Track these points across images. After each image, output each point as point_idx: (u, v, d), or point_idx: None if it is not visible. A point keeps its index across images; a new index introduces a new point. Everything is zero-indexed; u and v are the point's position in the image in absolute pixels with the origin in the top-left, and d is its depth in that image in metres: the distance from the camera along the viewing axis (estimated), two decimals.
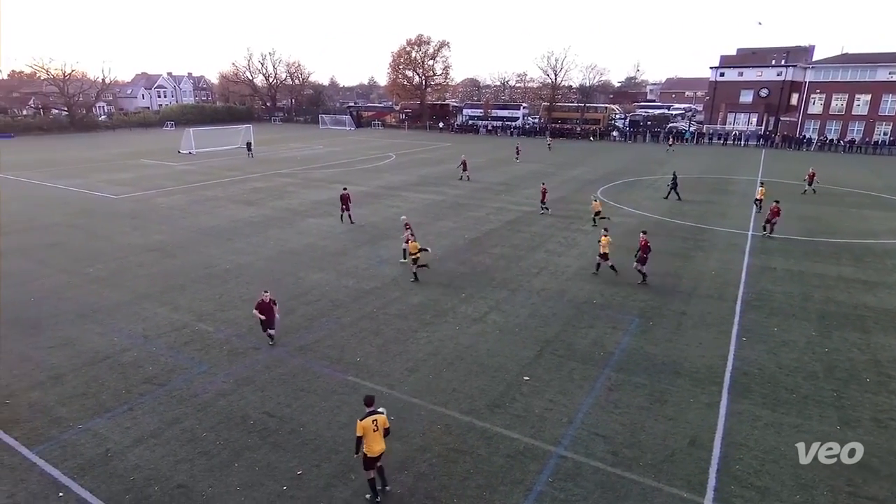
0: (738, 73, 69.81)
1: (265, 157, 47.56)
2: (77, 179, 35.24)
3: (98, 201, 28.63)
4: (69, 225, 23.47)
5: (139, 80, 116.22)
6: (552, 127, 72.62)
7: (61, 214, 25.44)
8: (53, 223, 23.78)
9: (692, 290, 16.04)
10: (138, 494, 7.70)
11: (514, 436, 9.17)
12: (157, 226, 23.24)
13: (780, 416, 9.74)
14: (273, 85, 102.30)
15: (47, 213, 25.60)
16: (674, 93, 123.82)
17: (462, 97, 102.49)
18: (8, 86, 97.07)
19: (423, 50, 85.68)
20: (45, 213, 25.78)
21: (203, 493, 7.75)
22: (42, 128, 73.87)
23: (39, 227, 23.15)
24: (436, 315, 14.15)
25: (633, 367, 11.51)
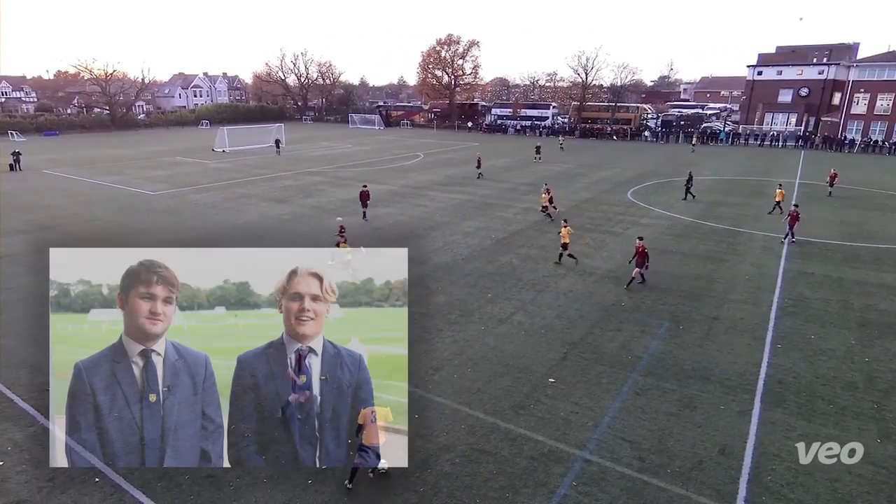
0: (777, 72, 67.71)
1: (296, 155, 48.36)
2: (117, 176, 36.48)
3: (136, 197, 29.59)
4: (109, 220, 24.32)
5: (176, 80, 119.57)
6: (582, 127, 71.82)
7: (102, 210, 26.39)
8: (94, 218, 24.70)
9: (725, 294, 15.64)
10: (170, 483, 7.92)
11: (538, 438, 9.10)
12: (191, 222, 23.87)
13: (817, 427, 9.41)
14: (304, 85, 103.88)
15: (89, 209, 26.59)
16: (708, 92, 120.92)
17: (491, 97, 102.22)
18: (54, 85, 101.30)
19: (453, 49, 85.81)
20: (87, 208, 26.78)
21: (231, 483, 7.92)
22: (84, 126, 76.70)
23: (81, 221, 24.07)
24: (461, 315, 14.15)
25: (661, 371, 11.29)
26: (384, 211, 25.11)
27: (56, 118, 77.91)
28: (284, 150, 50.09)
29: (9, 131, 65.41)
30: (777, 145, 60.22)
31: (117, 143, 59.44)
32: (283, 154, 48.30)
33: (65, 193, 30.57)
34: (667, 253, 19.44)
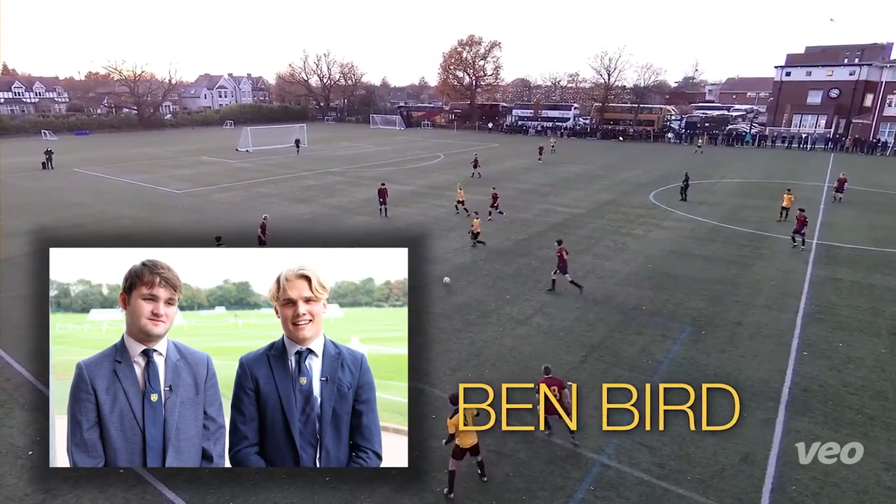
0: (806, 73, 66.10)
1: (318, 155, 48.86)
2: (144, 175, 37.31)
3: (162, 196, 30.23)
4: (135, 218, 24.89)
5: (202, 81, 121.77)
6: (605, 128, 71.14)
7: (129, 208, 27.03)
8: (121, 216, 25.30)
9: (749, 299, 15.33)
10: (191, 475, 8.05)
11: (556, 441, 9.04)
12: (214, 220, 24.26)
13: (844, 437, 9.15)
14: (327, 85, 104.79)
15: (116, 207, 27.25)
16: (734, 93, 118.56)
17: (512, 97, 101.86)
18: (85, 86, 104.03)
19: (475, 50, 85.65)
20: (114, 206, 27.45)
21: (251, 478, 8.04)
22: (114, 126, 78.65)
23: (108, 219, 24.67)
24: (480, 315, 14.13)
25: (682, 377, 11.10)
26: (404, 211, 25.21)
27: (87, 118, 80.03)
28: (307, 150, 50.65)
29: (42, 130, 67.47)
30: (805, 148, 58.78)
31: (144, 143, 60.80)
32: (304, 154, 48.84)
33: (94, 191, 31.39)
34: (689, 256, 19.13)
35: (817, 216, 25.14)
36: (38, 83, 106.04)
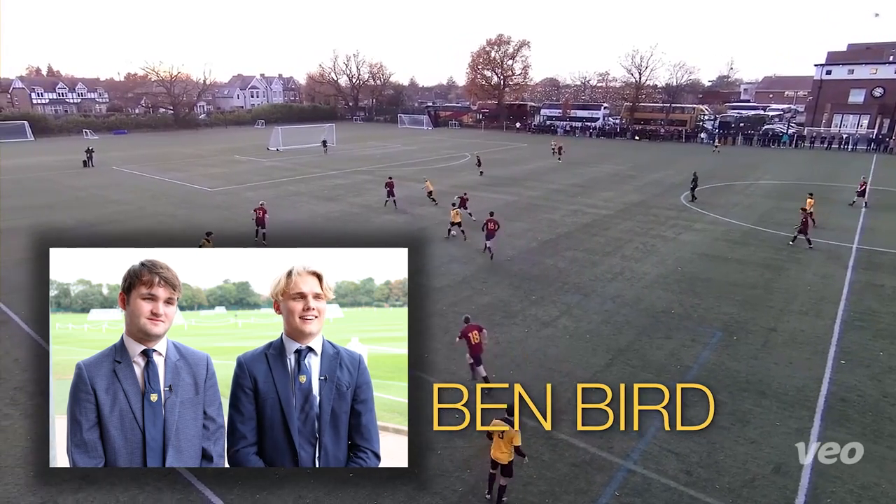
0: (849, 71, 63.68)
1: (346, 154, 49.40)
2: (179, 173, 38.36)
3: (196, 193, 31.03)
4: (170, 215, 25.62)
5: (235, 82, 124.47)
6: (635, 128, 70.00)
7: (164, 205, 27.84)
8: (158, 212, 26.08)
9: (784, 304, 14.87)
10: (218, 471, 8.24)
11: (580, 444, 8.94)
12: (245, 218, 24.70)
13: (883, 450, 8.80)
14: (356, 85, 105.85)
15: (153, 204, 28.11)
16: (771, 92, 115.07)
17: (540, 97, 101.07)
18: (124, 87, 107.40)
19: (503, 50, 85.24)
20: (151, 203, 28.32)
21: (276, 472, 8.17)
22: (150, 125, 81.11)
23: (146, 216, 25.46)
24: (505, 316, 14.07)
25: (712, 383, 10.83)
26: (430, 210, 25.27)
27: (125, 118, 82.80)
28: (335, 150, 51.29)
29: (83, 130, 70.07)
30: (846, 149, 56.69)
31: (180, 142, 62.49)
32: (333, 153, 49.46)
33: (131, 189, 32.43)
34: (721, 260, 18.67)
35: (858, 220, 24.22)
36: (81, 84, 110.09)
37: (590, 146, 58.41)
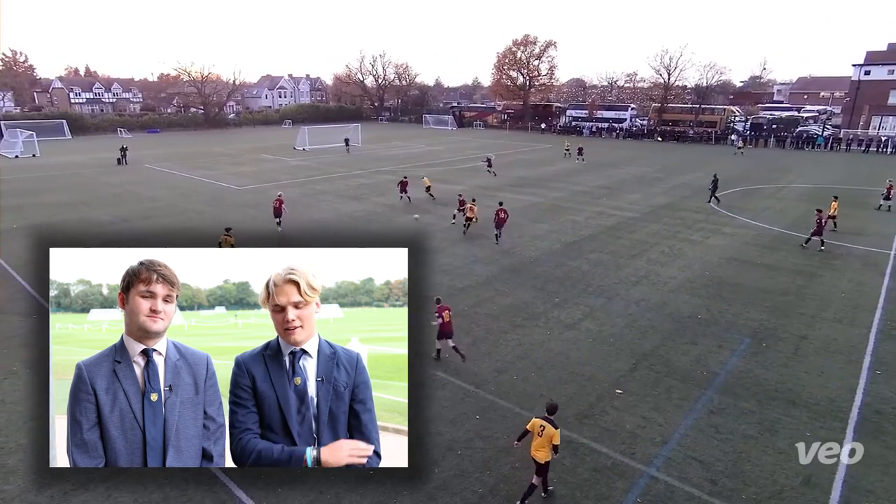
0: (889, 71, 61.49)
1: (371, 154, 49.78)
2: (208, 171, 39.20)
3: (224, 191, 31.67)
4: (199, 212, 26.21)
5: (263, 82, 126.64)
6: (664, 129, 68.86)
7: (194, 202, 28.50)
8: (188, 209, 26.71)
9: (816, 312, 14.44)
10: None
11: (601, 449, 8.84)
12: (270, 215, 25.14)
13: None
14: (382, 86, 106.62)
15: (183, 201, 28.79)
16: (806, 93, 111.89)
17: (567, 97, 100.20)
18: (156, 87, 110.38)
19: (529, 50, 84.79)
20: (181, 200, 29.01)
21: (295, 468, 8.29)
22: (182, 124, 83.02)
23: (176, 212, 26.09)
24: (527, 318, 14.00)
25: (740, 390, 10.61)
26: (454, 211, 25.24)
27: (158, 117, 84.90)
28: (361, 149, 51.73)
29: (118, 129, 72.11)
30: (885, 151, 54.75)
31: (209, 141, 63.84)
32: (359, 153, 49.88)
33: (163, 186, 33.27)
34: (751, 264, 18.23)
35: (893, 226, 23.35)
36: (116, 84, 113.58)
37: (616, 148, 57.63)
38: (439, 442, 9.03)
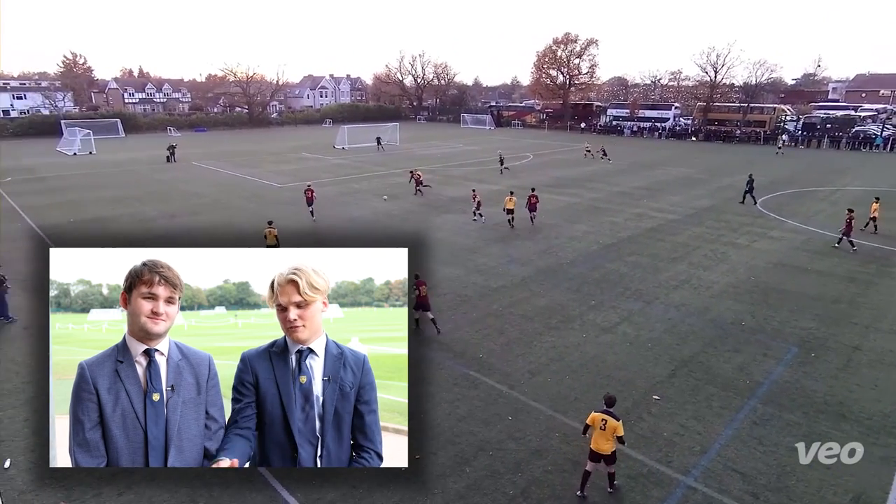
0: None
1: (408, 153, 50.14)
2: (251, 169, 40.34)
3: (266, 189, 32.54)
4: (241, 208, 27.02)
5: (305, 82, 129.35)
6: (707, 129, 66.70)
7: (237, 198, 29.40)
8: (231, 205, 27.59)
9: (871, 322, 13.70)
10: None
11: (637, 457, 8.64)
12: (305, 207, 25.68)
13: None
14: (420, 85, 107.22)
15: (227, 197, 29.76)
16: (864, 92, 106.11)
17: (607, 96, 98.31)
18: (204, 87, 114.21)
19: (570, 48, 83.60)
20: (225, 196, 29.98)
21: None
22: (227, 123, 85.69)
23: (220, 208, 26.98)
24: (562, 320, 13.82)
25: (785, 401, 10.17)
26: (491, 210, 25.16)
27: (205, 116, 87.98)
28: (398, 149, 52.16)
29: (167, 127, 75.10)
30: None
31: (253, 140, 65.65)
32: (397, 152, 50.31)
33: (209, 183, 34.46)
34: (800, 271, 17.46)
35: None
36: (167, 85, 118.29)
37: (658, 148, 56.20)
38: (471, 441, 9.03)
